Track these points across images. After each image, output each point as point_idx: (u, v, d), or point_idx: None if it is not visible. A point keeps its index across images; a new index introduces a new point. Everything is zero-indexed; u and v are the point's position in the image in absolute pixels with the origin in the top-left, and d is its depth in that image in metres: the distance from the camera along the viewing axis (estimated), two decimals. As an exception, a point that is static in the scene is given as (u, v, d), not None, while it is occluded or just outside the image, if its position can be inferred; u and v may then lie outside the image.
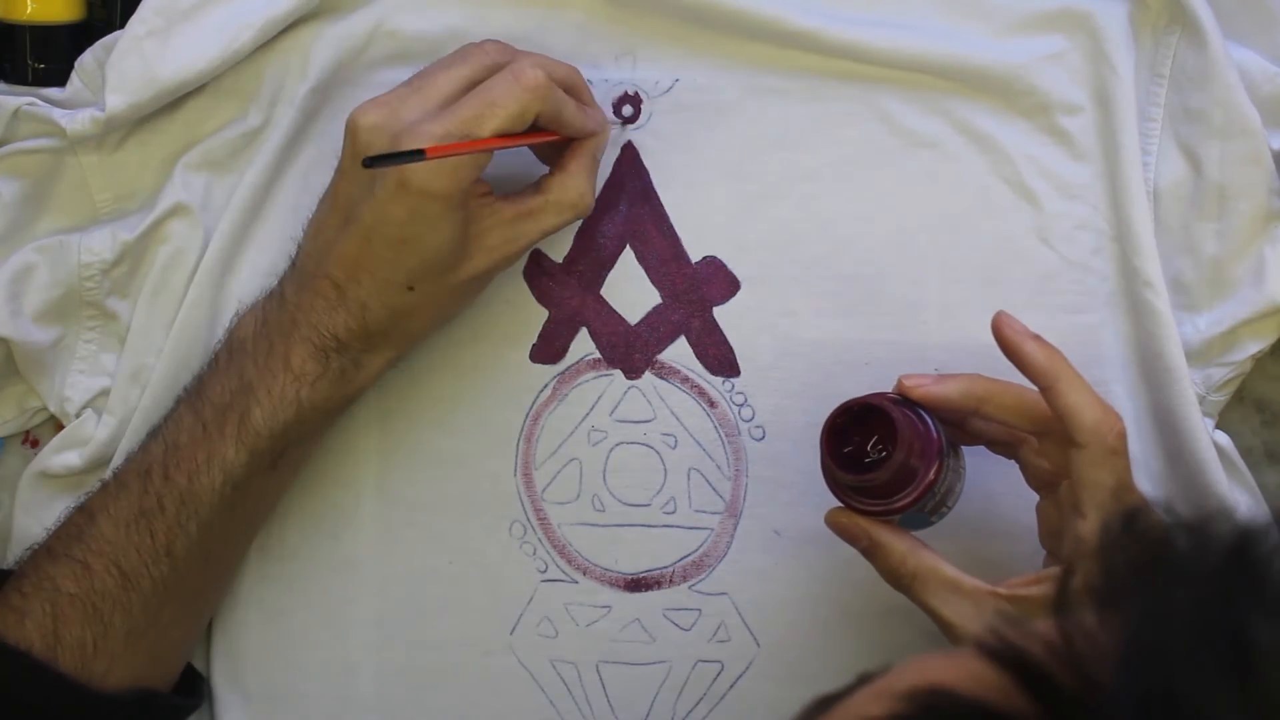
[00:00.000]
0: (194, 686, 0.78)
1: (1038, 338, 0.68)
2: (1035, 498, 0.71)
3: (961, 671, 0.42)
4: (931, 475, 0.67)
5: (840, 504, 0.69)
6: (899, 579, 0.68)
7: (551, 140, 0.73)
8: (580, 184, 0.73)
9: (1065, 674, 0.40)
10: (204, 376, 0.74)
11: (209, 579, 0.75)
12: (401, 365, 0.76)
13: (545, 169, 0.75)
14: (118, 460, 0.76)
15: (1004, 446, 0.71)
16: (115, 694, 0.71)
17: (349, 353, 0.72)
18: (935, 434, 0.67)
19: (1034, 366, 0.67)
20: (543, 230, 0.73)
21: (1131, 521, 0.59)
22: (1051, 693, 0.40)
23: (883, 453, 0.66)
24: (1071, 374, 0.66)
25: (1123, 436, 0.65)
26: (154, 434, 0.73)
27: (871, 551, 0.69)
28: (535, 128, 0.71)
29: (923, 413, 0.68)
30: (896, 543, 0.68)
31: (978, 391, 0.68)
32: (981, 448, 0.72)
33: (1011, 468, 0.71)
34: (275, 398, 0.71)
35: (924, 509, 0.68)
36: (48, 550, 0.72)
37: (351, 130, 0.70)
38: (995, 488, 0.74)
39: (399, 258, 0.70)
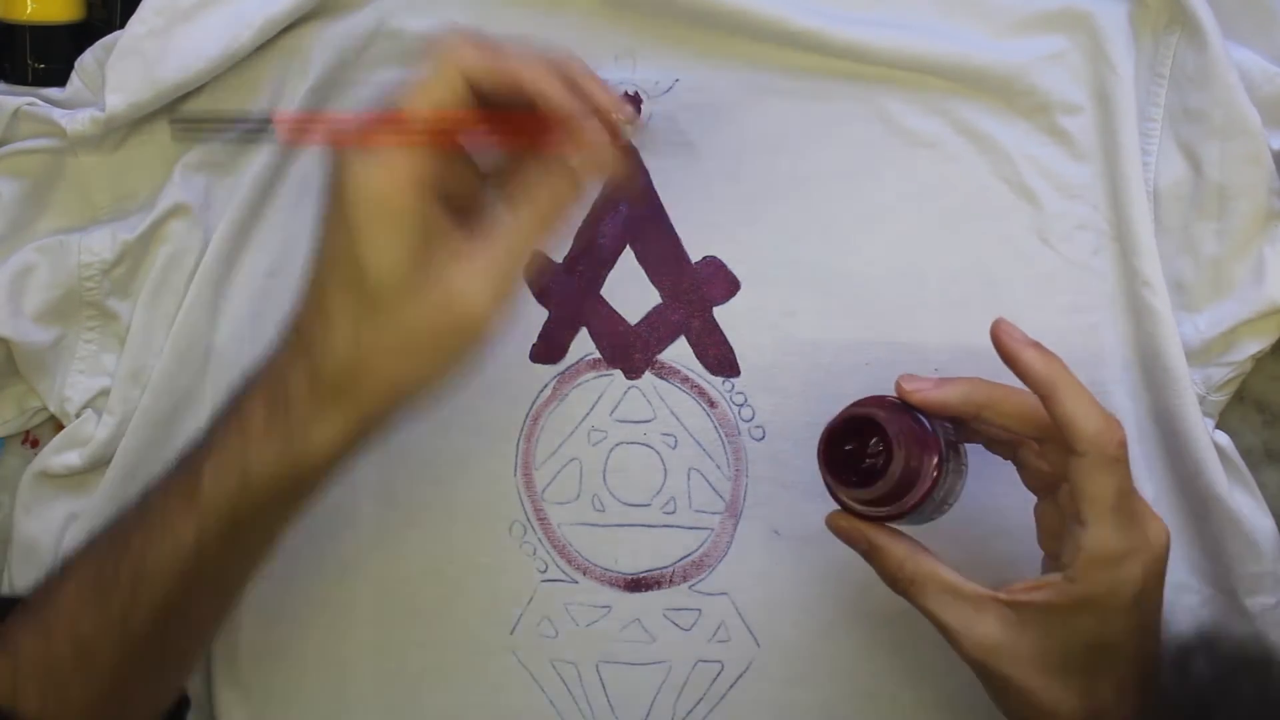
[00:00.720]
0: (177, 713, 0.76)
1: (1037, 345, 0.67)
2: (1030, 499, 0.71)
3: None
4: (930, 482, 0.67)
5: (839, 507, 0.69)
6: (898, 583, 0.68)
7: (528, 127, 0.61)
8: (543, 211, 0.62)
9: None
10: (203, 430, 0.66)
11: (171, 654, 0.69)
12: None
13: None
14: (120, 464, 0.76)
15: (1003, 446, 0.71)
16: None
17: (296, 414, 0.61)
18: (934, 437, 0.67)
19: (1033, 375, 0.66)
20: (516, 280, 0.62)
21: (1185, 659, 0.59)
22: None
23: (880, 449, 0.66)
24: (1071, 382, 0.66)
25: (1123, 445, 0.65)
26: (146, 486, 0.67)
27: (871, 555, 0.69)
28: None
29: (922, 416, 0.68)
30: (896, 547, 0.68)
31: (978, 397, 0.68)
32: (979, 446, 0.72)
33: (1012, 468, 0.71)
34: (222, 461, 0.62)
35: (924, 513, 0.68)
36: (26, 604, 0.68)
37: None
38: (996, 488, 0.74)
39: (337, 289, 0.60)
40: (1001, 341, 0.68)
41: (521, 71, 0.60)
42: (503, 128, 0.61)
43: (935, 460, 0.67)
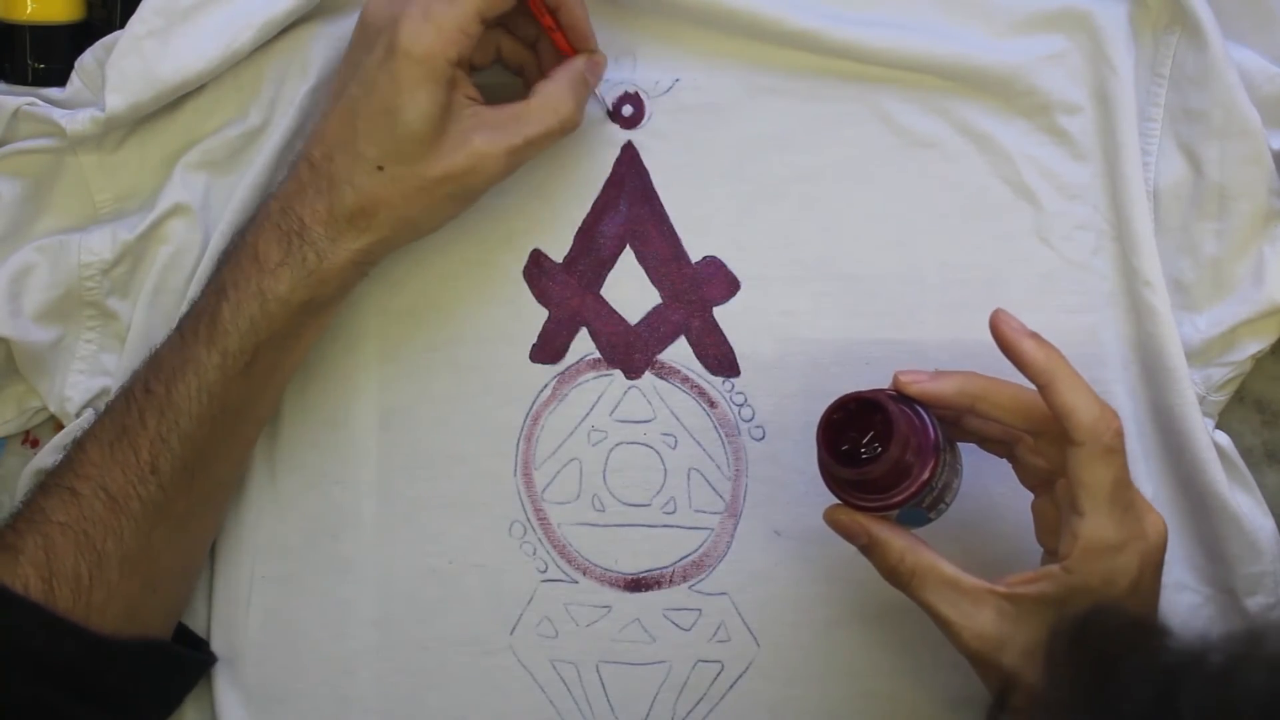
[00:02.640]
0: (194, 646, 0.78)
1: (1035, 335, 0.68)
2: (1027, 496, 0.71)
3: None
4: (928, 470, 0.67)
5: (838, 501, 0.69)
6: (897, 577, 0.68)
7: (546, 26, 0.73)
8: (565, 93, 0.72)
9: None
10: (199, 291, 0.74)
11: (198, 498, 0.73)
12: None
13: None
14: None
15: (998, 445, 0.71)
16: (122, 642, 0.70)
17: (310, 238, 0.70)
18: (931, 429, 0.67)
19: (1031, 364, 0.67)
20: (526, 137, 0.71)
21: (1081, 631, 0.60)
22: None
23: (878, 449, 0.66)
24: (1069, 372, 0.66)
25: (1120, 435, 0.66)
26: (148, 355, 0.73)
27: (870, 549, 0.69)
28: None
29: (919, 408, 0.68)
30: (895, 540, 0.68)
31: (973, 389, 0.68)
32: (974, 447, 0.72)
33: (1008, 469, 0.71)
34: (240, 291, 0.70)
35: (921, 504, 0.68)
36: (41, 484, 0.71)
37: (360, 16, 0.72)
38: (993, 485, 0.74)
39: (373, 129, 0.69)
40: (1000, 331, 0.68)
41: (574, 12, 0.73)
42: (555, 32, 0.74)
43: (931, 451, 0.67)
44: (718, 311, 0.78)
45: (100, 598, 0.69)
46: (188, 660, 0.76)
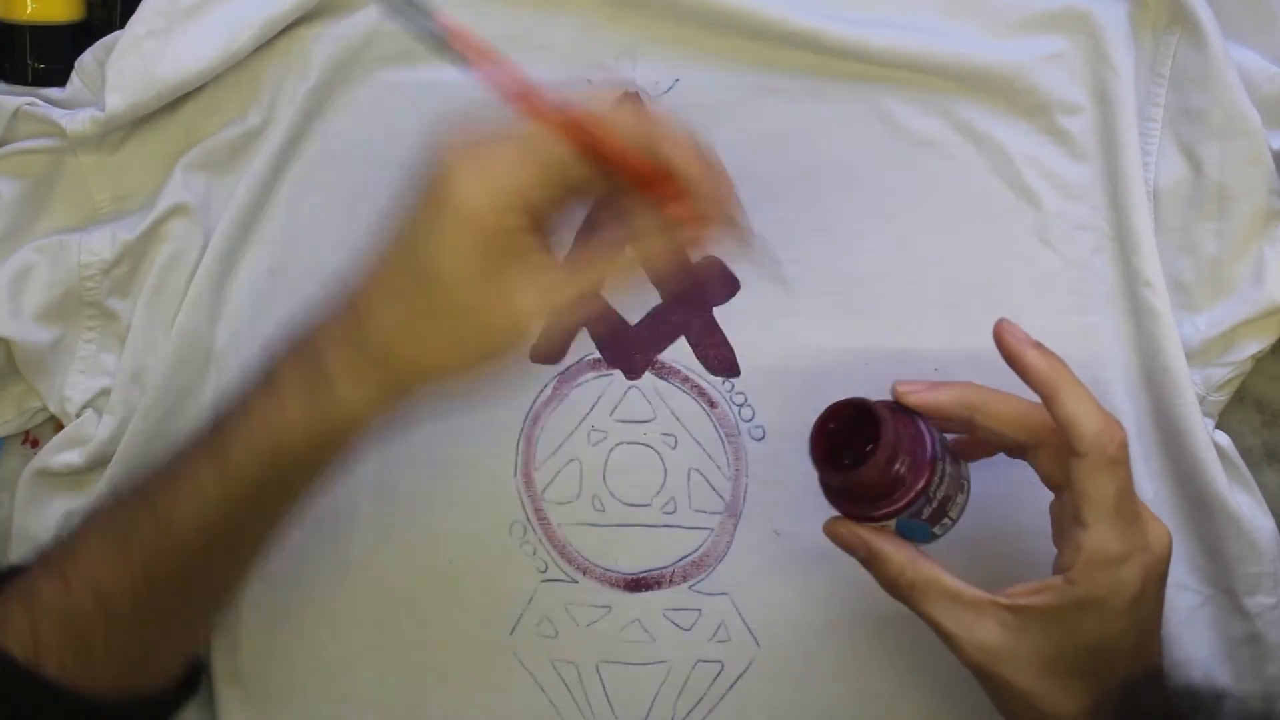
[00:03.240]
0: (191, 676, 0.75)
1: (1039, 345, 0.67)
2: (1040, 502, 0.70)
3: None
4: (924, 479, 0.66)
5: (838, 514, 0.69)
6: (898, 589, 0.68)
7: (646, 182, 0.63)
8: (598, 256, 0.64)
9: None
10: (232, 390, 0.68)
11: (193, 609, 0.70)
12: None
13: None
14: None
15: (1015, 450, 0.70)
16: (100, 698, 0.67)
17: (332, 381, 0.63)
18: (928, 438, 0.67)
19: (1035, 374, 0.66)
20: (565, 297, 0.63)
21: (1133, 699, 0.59)
22: None
23: (872, 450, 0.66)
24: (1073, 382, 0.66)
25: (1124, 446, 0.65)
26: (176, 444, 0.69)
27: (870, 562, 0.68)
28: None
29: (916, 419, 0.68)
30: (895, 553, 0.68)
31: (971, 400, 0.68)
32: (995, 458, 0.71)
33: (1017, 471, 0.70)
34: (254, 425, 0.64)
35: (920, 515, 0.68)
36: (41, 555, 0.69)
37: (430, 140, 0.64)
38: (1001, 492, 0.74)
39: (409, 282, 0.63)
40: (1004, 341, 0.68)
41: (666, 141, 0.63)
42: (639, 172, 0.63)
43: (928, 459, 0.66)
44: (718, 312, 0.78)
45: (86, 676, 0.66)
46: (174, 704, 0.73)
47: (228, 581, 0.71)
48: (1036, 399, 0.67)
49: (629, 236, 0.64)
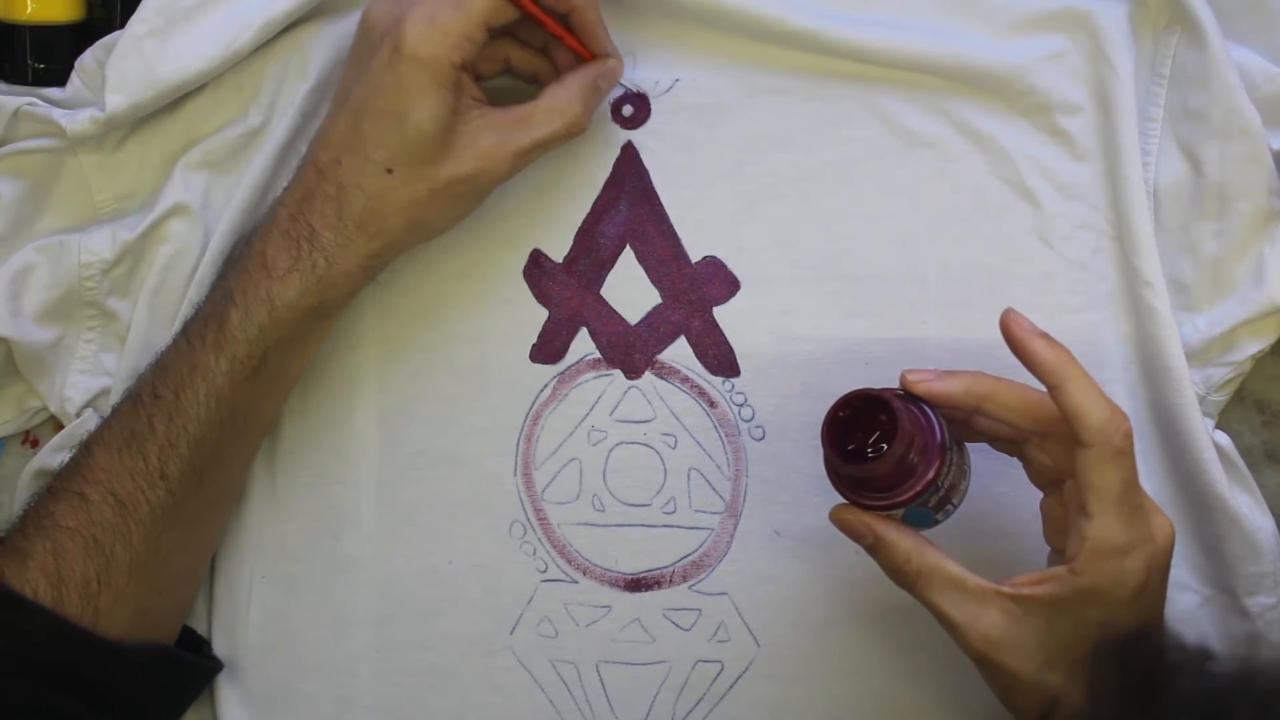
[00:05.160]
0: (196, 647, 0.78)
1: (1046, 335, 0.67)
2: (1037, 499, 0.70)
3: None
4: (933, 469, 0.67)
5: (844, 500, 0.69)
6: (903, 577, 0.68)
7: (554, 34, 0.73)
8: (572, 96, 0.72)
9: None
10: (204, 297, 0.74)
11: (206, 503, 0.73)
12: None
13: None
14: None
15: (1007, 444, 0.71)
16: (130, 647, 0.70)
17: (320, 244, 0.70)
18: (937, 428, 0.67)
19: (1042, 364, 0.67)
20: (533, 139, 0.71)
21: (1125, 652, 0.60)
22: None
23: (883, 447, 0.66)
24: (1079, 373, 0.66)
25: (1129, 437, 0.65)
26: (153, 360, 0.73)
27: (875, 549, 0.69)
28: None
29: (925, 407, 0.68)
30: (901, 540, 0.68)
31: (980, 389, 0.68)
32: (984, 445, 0.72)
33: (1015, 469, 0.71)
34: (249, 298, 0.70)
35: (927, 504, 0.68)
36: (49, 488, 0.72)
37: (362, 19, 0.73)
38: (999, 485, 0.74)
39: (381, 133, 0.69)
40: (1011, 331, 0.68)
41: (581, 6, 0.73)
42: (564, 35, 0.74)
43: (938, 449, 0.67)
44: (718, 311, 0.78)
45: (108, 602, 0.69)
46: (195, 666, 0.76)
47: (233, 474, 0.75)
48: (1043, 389, 0.67)
49: (562, 80, 0.73)
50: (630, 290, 0.78)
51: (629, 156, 0.78)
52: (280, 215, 0.71)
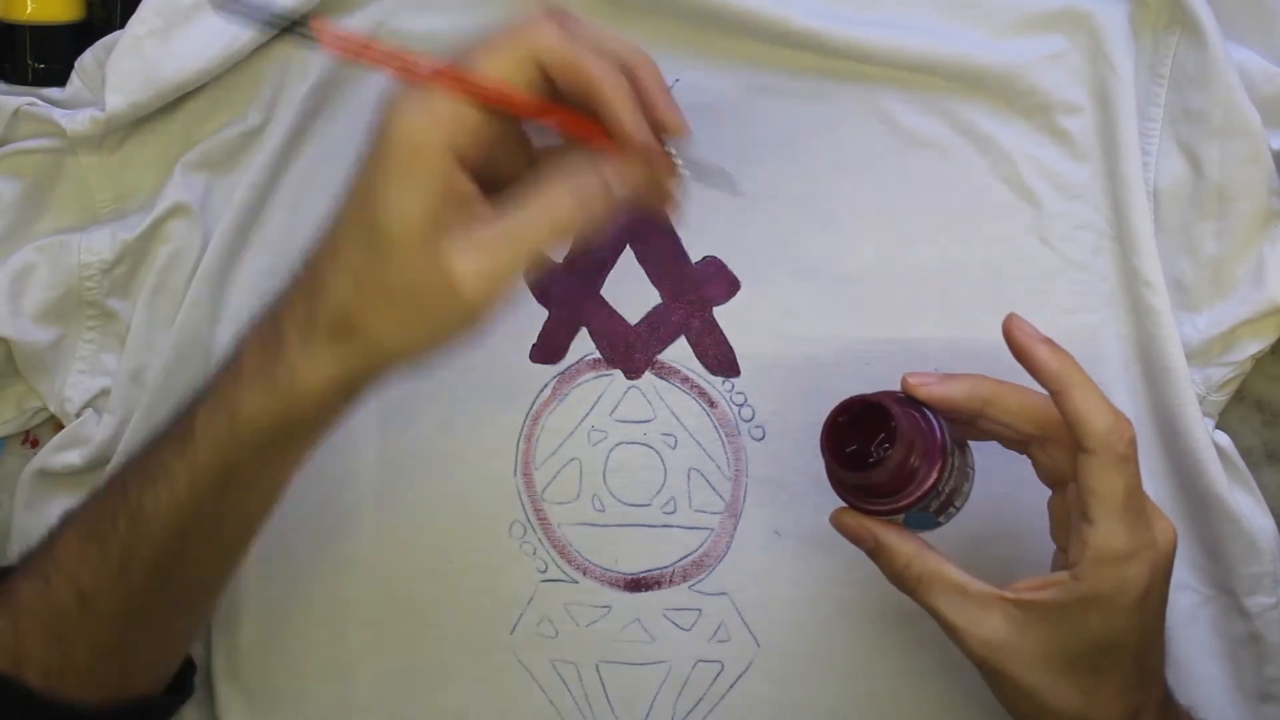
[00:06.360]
0: (182, 679, 0.75)
1: (1049, 341, 0.67)
2: (1041, 498, 0.70)
3: None
4: (935, 474, 0.67)
5: (845, 504, 0.69)
6: (904, 581, 0.68)
7: (576, 125, 0.61)
8: (561, 195, 0.60)
9: None
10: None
11: (173, 605, 0.68)
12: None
13: None
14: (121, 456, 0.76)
15: (1015, 442, 0.70)
16: (86, 707, 0.67)
17: (285, 352, 0.61)
18: (939, 432, 0.67)
19: (1045, 371, 0.66)
20: (512, 254, 0.60)
21: None
22: None
23: (886, 451, 0.66)
24: (1082, 379, 0.66)
25: (1133, 443, 0.65)
26: (147, 437, 0.68)
27: (877, 553, 0.68)
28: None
29: (927, 411, 0.68)
30: (902, 545, 0.68)
31: (983, 393, 0.68)
32: (991, 444, 0.72)
33: (1019, 468, 0.71)
34: (215, 403, 0.62)
35: (929, 508, 0.68)
36: (24, 558, 0.68)
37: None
38: (1002, 488, 0.74)
39: (352, 226, 0.60)
40: (1014, 336, 0.67)
41: (594, 77, 0.59)
42: (559, 121, 0.61)
43: (939, 454, 0.67)
44: (718, 311, 0.78)
45: (72, 684, 0.66)
46: (162, 708, 0.73)
47: (206, 577, 0.69)
48: (1045, 392, 0.67)
49: (561, 185, 0.60)
50: (630, 290, 0.78)
51: (629, 156, 0.78)
52: (264, 313, 0.63)
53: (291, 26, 0.58)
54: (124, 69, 0.76)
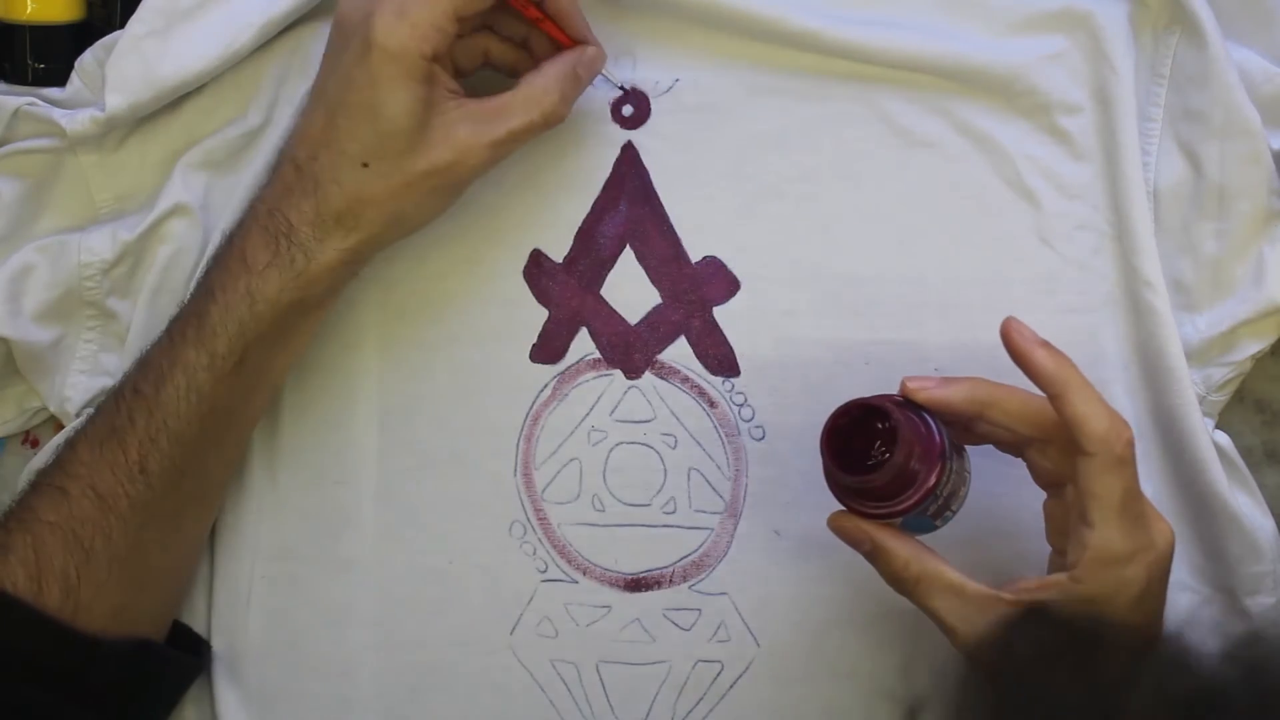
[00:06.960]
0: (195, 646, 0.78)
1: (1047, 345, 0.67)
2: (1038, 501, 0.70)
3: None
4: (933, 478, 0.67)
5: (842, 507, 0.69)
6: (902, 583, 0.68)
7: (532, 19, 0.72)
8: (550, 85, 0.72)
9: None
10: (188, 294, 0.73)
11: (188, 498, 0.73)
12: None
13: None
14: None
15: (1011, 446, 0.70)
16: (109, 641, 0.70)
17: (298, 239, 0.70)
18: (937, 436, 0.67)
19: (1043, 374, 0.66)
20: (509, 129, 0.71)
21: (1030, 624, 0.61)
22: None
23: (885, 455, 0.66)
24: (1081, 382, 0.66)
25: (1131, 445, 0.65)
26: (137, 356, 0.73)
27: (874, 555, 0.69)
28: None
29: (925, 415, 0.68)
30: (900, 547, 0.68)
31: (981, 396, 0.68)
32: (987, 447, 0.72)
33: (1015, 470, 0.71)
34: (229, 293, 0.70)
35: (927, 512, 0.68)
36: (32, 483, 0.72)
37: (335, 15, 0.71)
38: (999, 490, 0.74)
39: (355, 127, 0.69)
40: (1012, 340, 0.68)
41: (571, 12, 0.73)
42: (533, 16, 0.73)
43: (938, 457, 0.67)
44: (718, 311, 0.78)
45: (88, 596, 0.69)
46: (179, 661, 0.76)
47: (219, 466, 0.75)
48: (1043, 394, 0.67)
49: (538, 72, 0.72)
50: (630, 290, 0.78)
51: (629, 156, 0.78)
52: (259, 211, 0.71)
53: None
54: (124, 69, 0.76)
